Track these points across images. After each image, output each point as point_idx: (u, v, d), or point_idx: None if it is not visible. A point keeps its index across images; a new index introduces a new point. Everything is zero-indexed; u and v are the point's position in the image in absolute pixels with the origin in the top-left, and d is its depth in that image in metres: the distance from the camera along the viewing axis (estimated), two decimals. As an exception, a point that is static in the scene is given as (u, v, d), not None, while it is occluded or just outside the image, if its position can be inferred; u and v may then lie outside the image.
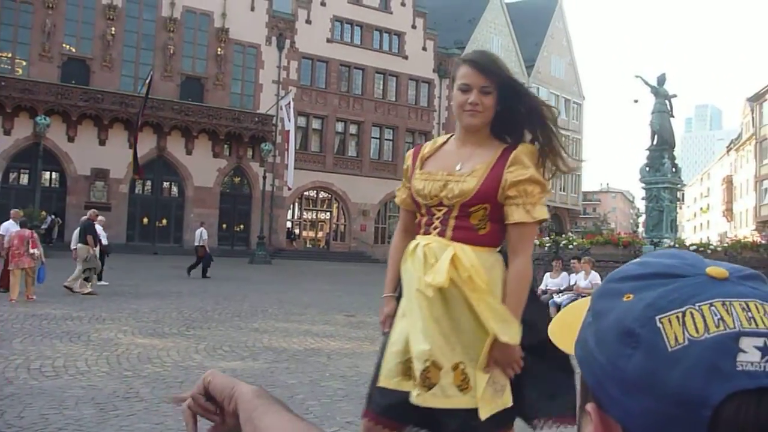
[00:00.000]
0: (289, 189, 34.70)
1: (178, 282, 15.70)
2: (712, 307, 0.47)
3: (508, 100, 2.17)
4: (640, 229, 47.03)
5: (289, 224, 38.37)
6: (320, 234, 40.51)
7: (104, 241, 15.17)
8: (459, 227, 2.10)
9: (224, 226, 35.40)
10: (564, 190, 52.80)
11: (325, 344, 8.41)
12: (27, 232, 12.34)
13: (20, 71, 31.35)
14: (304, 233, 39.81)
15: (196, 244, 20.26)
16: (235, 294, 14.66)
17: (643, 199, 15.81)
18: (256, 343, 8.24)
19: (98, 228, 14.54)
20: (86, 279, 13.22)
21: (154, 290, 14.17)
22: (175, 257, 26.59)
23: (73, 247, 13.86)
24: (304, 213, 40.07)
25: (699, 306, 0.48)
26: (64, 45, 32.20)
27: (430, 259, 2.06)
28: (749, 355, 0.44)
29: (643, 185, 15.33)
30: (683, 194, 31.58)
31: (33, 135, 29.05)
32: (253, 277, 20.27)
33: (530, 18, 50.03)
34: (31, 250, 11.81)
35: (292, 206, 38.62)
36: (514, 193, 2.06)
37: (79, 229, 13.99)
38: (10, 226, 13.16)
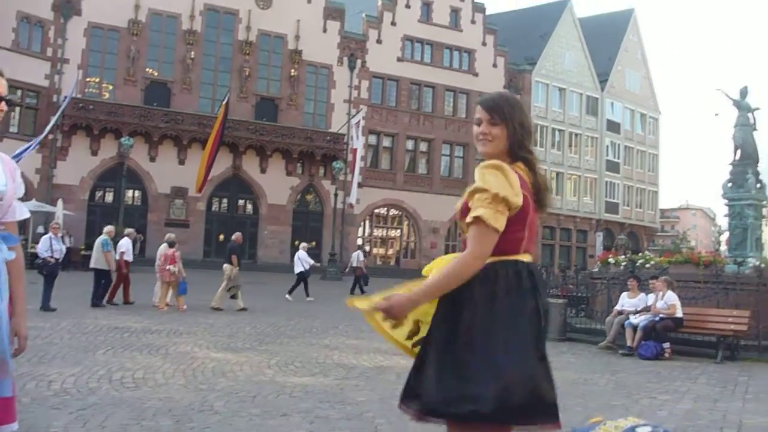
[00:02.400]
0: (351, 206, 35.05)
1: (250, 297, 16.05)
2: None
3: (517, 133, 2.42)
4: (723, 247, 44.98)
5: (359, 241, 38.68)
6: (390, 251, 40.64)
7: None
8: (463, 242, 2.33)
9: (297, 243, 35.97)
10: (640, 207, 51.19)
11: (395, 362, 8.40)
12: (170, 250, 14.06)
13: (107, 95, 33.00)
14: (375, 250, 40.02)
15: (354, 265, 22.66)
16: (306, 310, 14.87)
17: (725, 216, 15.13)
18: (327, 359, 8.33)
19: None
20: (233, 297, 14.22)
21: (228, 305, 14.55)
22: (249, 273, 27.19)
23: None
24: (375, 230, 40.31)
25: None
26: (147, 69, 33.74)
27: None
28: None
29: (726, 202, 14.69)
30: (770, 211, 30.04)
31: (118, 155, 30.47)
32: (324, 294, 20.50)
33: (603, 32, 49.03)
34: (168, 266, 13.66)
35: (362, 223, 38.95)
36: (470, 202, 2.28)
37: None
38: (126, 243, 14.62)
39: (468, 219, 2.23)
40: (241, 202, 36.12)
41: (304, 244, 20.59)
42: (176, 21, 34.14)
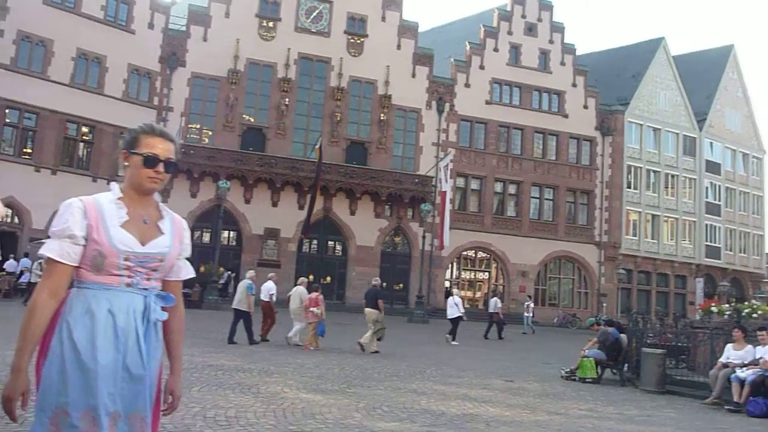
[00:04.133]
0: (441, 249, 34.92)
1: (338, 338, 16.20)
2: None
3: None
4: (840, 296, 41.74)
5: (447, 284, 38.41)
6: (478, 294, 40.10)
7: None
8: None
9: (384, 284, 36.12)
10: (744, 252, 48.37)
11: (483, 410, 8.23)
12: (314, 294, 15.06)
13: (206, 140, 34.72)
14: (462, 293, 39.58)
15: (491, 310, 25.10)
16: (393, 353, 14.84)
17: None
18: (414, 404, 8.25)
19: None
20: (379, 339, 14.93)
21: (299, 347, 14.72)
22: (337, 314, 27.49)
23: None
24: (463, 273, 39.97)
25: None
26: (244, 116, 35.32)
27: None
28: None
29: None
30: None
31: (215, 197, 31.83)
32: (411, 337, 20.42)
33: (700, 70, 47.39)
34: (312, 309, 14.69)
35: (450, 266, 38.72)
36: None
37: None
38: (272, 287, 15.73)
39: None
40: (330, 243, 36.78)
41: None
42: (272, 70, 35.69)
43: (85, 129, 31.75)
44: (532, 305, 30.18)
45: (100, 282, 2.36)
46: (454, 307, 20.21)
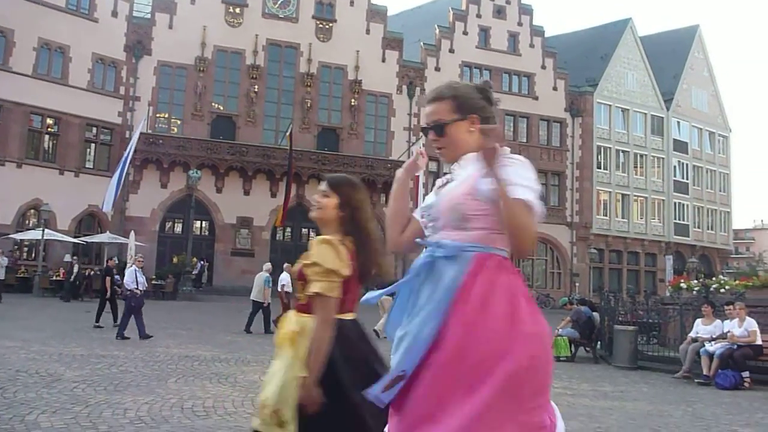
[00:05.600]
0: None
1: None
2: None
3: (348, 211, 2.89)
4: (804, 269, 42.82)
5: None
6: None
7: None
8: (301, 303, 2.68)
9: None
10: (712, 229, 49.33)
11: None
12: None
13: (175, 130, 34.28)
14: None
15: None
16: (376, 337, 14.88)
17: (805, 237, 14.47)
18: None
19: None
20: None
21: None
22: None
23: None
24: (437, 257, 40.09)
25: None
26: (213, 104, 34.92)
27: None
28: None
29: (805, 223, 14.05)
30: None
31: (186, 187, 31.52)
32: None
33: (667, 50, 47.94)
34: None
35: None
36: (306, 272, 2.62)
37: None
38: (286, 277, 15.84)
39: (309, 293, 2.57)
40: (304, 230, 36.65)
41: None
42: (240, 57, 35.29)
43: (50, 121, 31.14)
44: None
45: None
46: None
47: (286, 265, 17.12)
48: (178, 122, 34.43)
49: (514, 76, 41.17)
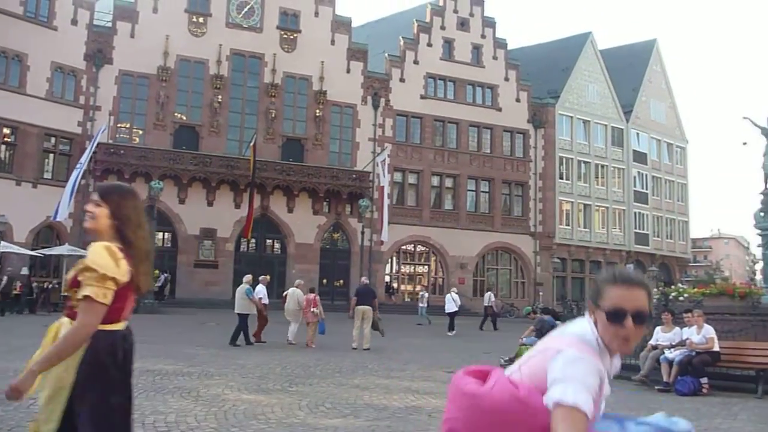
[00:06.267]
0: (382, 243, 35.06)
1: (280, 336, 16.06)
2: None
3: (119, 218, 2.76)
4: (758, 276, 43.97)
5: (387, 278, 38.59)
6: (418, 287, 40.43)
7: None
8: (70, 309, 2.65)
9: (324, 281, 36.04)
10: (671, 238, 50.40)
11: (425, 402, 8.33)
12: (311, 295, 15.89)
13: (137, 139, 33.77)
14: (403, 287, 39.88)
15: (486, 304, 26.93)
16: (336, 349, 14.82)
17: (759, 246, 14.87)
18: (358, 400, 8.27)
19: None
20: (381, 330, 15.81)
21: (258, 345, 14.54)
22: (278, 312, 27.22)
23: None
24: (402, 267, 40.23)
25: None
26: (176, 114, 34.52)
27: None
28: None
29: (758, 231, 14.43)
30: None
31: (148, 198, 30.97)
32: (353, 332, 20.38)
33: (626, 63, 49.03)
34: (312, 309, 15.47)
35: (390, 260, 38.91)
36: (80, 277, 2.57)
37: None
38: (262, 289, 16.37)
39: (79, 296, 2.53)
40: (269, 241, 36.41)
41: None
42: (204, 66, 35.00)
43: (6, 130, 30.43)
44: (427, 296, 30.58)
45: None
46: (452, 303, 22.90)
47: (262, 277, 17.32)
48: (140, 132, 33.94)
49: (477, 87, 41.62)
